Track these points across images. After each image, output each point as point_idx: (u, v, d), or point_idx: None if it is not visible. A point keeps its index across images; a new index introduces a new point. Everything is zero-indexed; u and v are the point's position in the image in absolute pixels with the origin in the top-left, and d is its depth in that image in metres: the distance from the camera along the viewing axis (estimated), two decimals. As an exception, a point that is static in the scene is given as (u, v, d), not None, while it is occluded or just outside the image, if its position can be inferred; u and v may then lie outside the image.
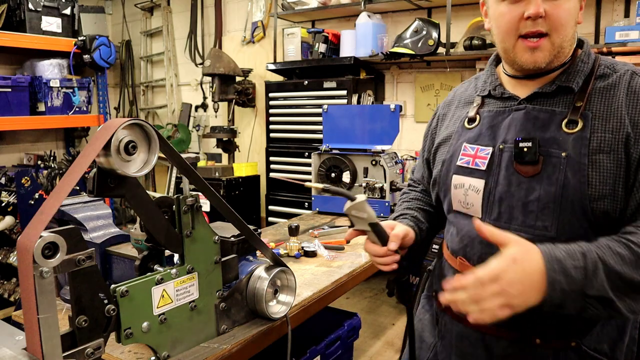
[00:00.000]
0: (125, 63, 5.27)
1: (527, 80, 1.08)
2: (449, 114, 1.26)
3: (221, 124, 4.24)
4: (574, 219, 0.96)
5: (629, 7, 2.99)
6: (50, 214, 0.83)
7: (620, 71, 1.02)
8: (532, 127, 1.03)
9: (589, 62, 1.05)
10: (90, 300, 0.93)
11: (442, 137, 1.23)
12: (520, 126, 1.04)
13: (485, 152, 1.08)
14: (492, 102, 1.14)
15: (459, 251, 1.12)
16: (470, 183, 1.09)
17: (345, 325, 2.06)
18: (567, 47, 1.02)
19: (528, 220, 1.00)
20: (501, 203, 1.03)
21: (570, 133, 0.98)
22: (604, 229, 0.97)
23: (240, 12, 4.58)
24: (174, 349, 1.12)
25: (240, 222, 1.22)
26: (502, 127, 1.07)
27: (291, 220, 2.44)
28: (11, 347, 0.88)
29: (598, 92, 1.01)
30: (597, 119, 0.98)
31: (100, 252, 1.48)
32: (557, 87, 1.03)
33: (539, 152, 0.99)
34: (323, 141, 2.71)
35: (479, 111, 1.14)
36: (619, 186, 0.95)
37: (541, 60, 1.00)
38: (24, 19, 3.85)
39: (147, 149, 0.99)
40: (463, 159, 1.12)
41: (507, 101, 1.10)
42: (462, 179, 1.11)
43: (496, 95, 1.13)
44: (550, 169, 0.98)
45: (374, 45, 3.51)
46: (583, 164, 0.95)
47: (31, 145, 4.50)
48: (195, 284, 1.16)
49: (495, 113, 1.11)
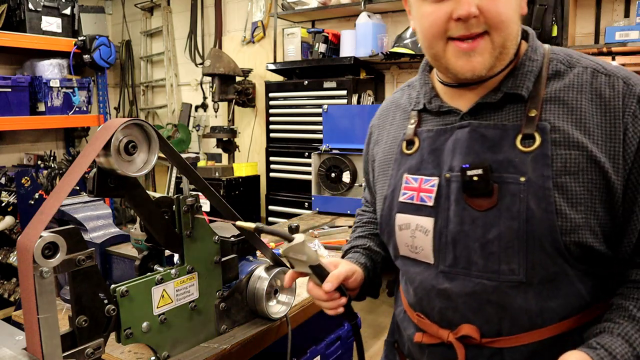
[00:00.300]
0: (125, 63, 5.26)
1: (466, 90, 0.89)
2: (383, 133, 1.06)
3: (221, 124, 4.24)
4: (545, 258, 0.80)
5: (629, 7, 2.99)
6: (50, 214, 0.83)
7: (577, 67, 0.85)
8: (481, 148, 0.84)
9: (537, 58, 0.87)
10: (90, 300, 0.93)
11: (380, 164, 1.04)
12: (466, 149, 0.86)
13: (430, 183, 0.90)
14: (430, 118, 0.96)
15: (415, 305, 0.97)
16: (417, 222, 0.90)
17: (345, 325, 2.06)
18: (512, 46, 0.84)
19: (490, 265, 0.83)
20: (456, 245, 0.86)
21: (527, 152, 0.81)
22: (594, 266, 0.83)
23: (240, 12, 4.58)
24: (174, 349, 1.12)
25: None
26: (446, 151, 0.89)
27: (291, 220, 2.43)
28: (11, 347, 0.87)
29: (554, 97, 0.83)
30: (558, 131, 0.80)
31: (100, 252, 1.48)
32: (504, 95, 0.85)
33: (492, 180, 0.82)
34: (323, 141, 2.71)
35: (417, 131, 0.95)
36: (595, 215, 0.79)
37: (480, 66, 0.82)
38: (24, 19, 3.84)
39: (147, 149, 0.99)
40: (406, 193, 0.93)
41: (447, 116, 0.92)
42: (407, 218, 0.92)
43: (433, 110, 0.95)
44: (508, 200, 0.81)
45: (374, 45, 3.51)
46: (547, 189, 0.78)
47: (31, 145, 4.50)
48: (195, 284, 1.16)
49: (435, 133, 0.92)
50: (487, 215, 0.83)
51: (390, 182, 0.98)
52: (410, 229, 0.92)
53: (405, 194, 0.93)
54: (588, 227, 0.79)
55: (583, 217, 0.78)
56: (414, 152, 0.95)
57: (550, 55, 0.88)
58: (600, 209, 0.79)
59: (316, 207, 2.67)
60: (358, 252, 1.12)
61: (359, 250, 1.13)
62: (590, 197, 0.79)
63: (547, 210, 0.78)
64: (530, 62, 0.87)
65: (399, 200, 0.94)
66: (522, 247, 0.80)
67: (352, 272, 1.01)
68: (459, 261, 0.86)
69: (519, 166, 0.81)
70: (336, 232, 2.21)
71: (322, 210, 2.65)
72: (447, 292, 0.87)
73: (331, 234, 2.18)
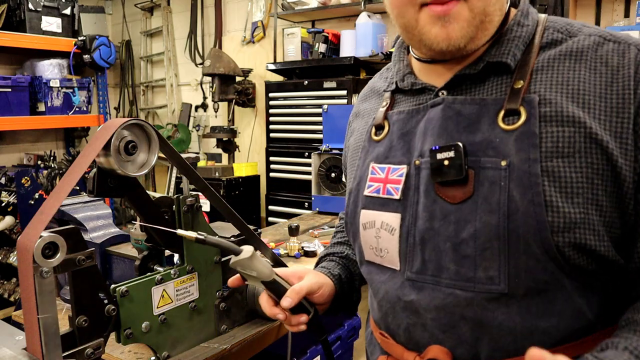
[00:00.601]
0: (125, 63, 5.27)
1: (445, 66, 0.76)
2: (358, 122, 0.93)
3: (221, 124, 4.24)
4: (532, 263, 0.63)
5: (629, 7, 2.99)
6: (50, 214, 0.83)
7: (579, 35, 0.69)
8: (455, 127, 0.70)
9: (528, 23, 0.73)
10: (90, 300, 0.93)
11: (350, 155, 0.92)
12: (438, 129, 0.72)
13: (398, 172, 0.76)
14: (403, 99, 0.82)
15: (380, 322, 0.82)
16: (383, 220, 0.76)
17: (345, 325, 2.06)
18: (495, 12, 0.69)
19: (463, 271, 0.67)
20: (424, 246, 0.71)
21: (510, 130, 0.66)
22: (599, 277, 0.66)
23: (240, 12, 4.58)
24: (174, 349, 1.12)
25: (240, 222, 1.22)
26: (418, 134, 0.75)
27: (291, 220, 2.43)
28: (11, 347, 0.87)
29: (547, 66, 0.68)
30: (548, 104, 0.65)
31: (100, 252, 1.48)
32: (486, 65, 0.71)
33: (466, 165, 0.67)
34: (323, 141, 2.71)
35: (387, 114, 0.82)
36: (597, 208, 0.62)
37: (457, 34, 0.67)
38: (24, 19, 3.85)
39: (147, 149, 0.99)
40: (371, 185, 0.79)
41: (421, 95, 0.79)
42: (371, 214, 0.78)
43: (405, 88, 0.81)
44: (486, 189, 0.65)
45: (374, 45, 3.51)
46: (534, 174, 0.63)
47: (31, 145, 4.50)
48: (195, 284, 1.16)
49: (407, 114, 0.78)
50: (461, 208, 0.67)
51: (356, 174, 0.84)
52: (375, 227, 0.77)
53: (371, 187, 0.79)
54: (588, 223, 0.62)
55: (581, 212, 0.62)
56: (383, 137, 0.81)
57: (547, 24, 0.73)
58: (604, 201, 0.62)
59: (316, 207, 2.67)
60: (333, 260, 1.00)
61: (335, 258, 1.00)
62: (590, 186, 0.62)
63: (533, 202, 0.62)
64: (519, 28, 0.72)
65: (363, 194, 0.80)
66: (503, 248, 0.64)
67: (318, 285, 0.88)
68: (427, 266, 0.71)
69: (499, 148, 0.66)
70: (336, 232, 2.21)
71: (322, 210, 2.65)
72: (413, 305, 0.72)
73: (331, 234, 2.18)
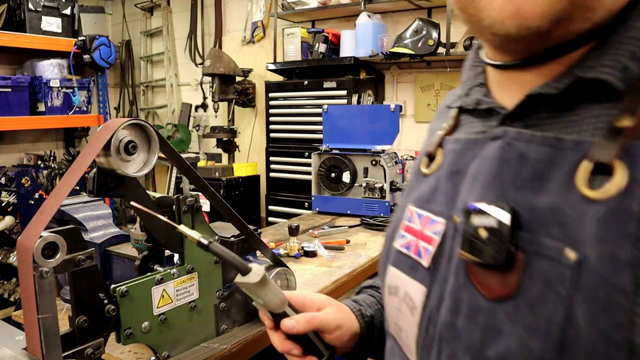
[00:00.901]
0: (125, 63, 5.26)
1: (523, 72, 0.50)
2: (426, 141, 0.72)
3: (221, 124, 4.24)
4: None
5: (629, 7, 2.99)
6: (50, 214, 0.83)
7: None
8: (512, 179, 0.47)
9: None
10: (90, 300, 0.93)
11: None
12: (489, 177, 0.49)
13: (434, 227, 0.55)
14: (468, 120, 0.59)
15: None
16: (407, 290, 0.57)
17: (345, 325, 2.06)
18: None
19: None
20: (441, 347, 0.51)
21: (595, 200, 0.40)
22: None
23: (240, 12, 4.58)
24: (174, 349, 1.12)
25: (240, 222, 1.22)
26: (468, 177, 0.53)
27: (291, 220, 2.43)
28: (11, 347, 0.87)
29: None
30: None
31: (100, 252, 1.48)
32: (575, 83, 0.45)
33: (515, 244, 0.44)
34: (323, 141, 2.71)
35: (444, 140, 0.60)
36: None
37: (533, 8, 0.42)
38: (24, 19, 3.84)
39: (147, 149, 0.99)
40: (404, 236, 0.59)
41: (489, 118, 0.54)
42: (398, 277, 0.59)
43: (468, 107, 0.59)
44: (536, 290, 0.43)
45: (374, 45, 3.51)
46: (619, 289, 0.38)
47: (31, 145, 4.50)
48: (195, 284, 1.16)
49: (463, 145, 0.56)
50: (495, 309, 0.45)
51: (394, 217, 0.66)
52: (399, 296, 0.59)
53: (403, 238, 0.59)
54: None
55: None
56: (432, 172, 0.60)
57: None
58: None
59: (316, 207, 2.67)
60: (373, 296, 0.81)
61: (376, 295, 0.81)
62: None
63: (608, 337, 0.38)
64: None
65: (394, 246, 0.61)
66: None
67: (335, 324, 0.72)
68: None
69: (571, 226, 0.41)
70: (336, 232, 2.21)
71: (322, 210, 2.65)
72: None
73: (331, 234, 2.18)
